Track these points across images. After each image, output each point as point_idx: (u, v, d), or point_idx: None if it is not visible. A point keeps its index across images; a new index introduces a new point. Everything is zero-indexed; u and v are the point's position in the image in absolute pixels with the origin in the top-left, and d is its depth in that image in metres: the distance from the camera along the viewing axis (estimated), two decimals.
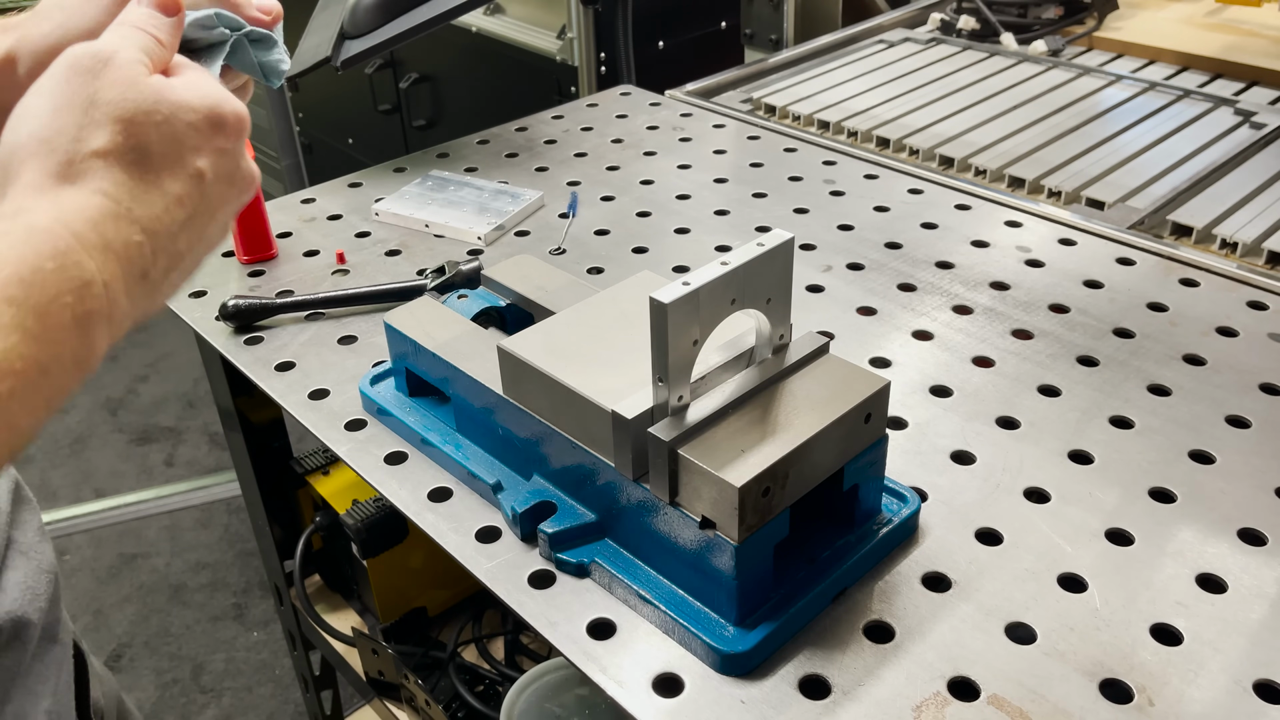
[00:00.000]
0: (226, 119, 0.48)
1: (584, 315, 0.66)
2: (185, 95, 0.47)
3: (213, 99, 0.48)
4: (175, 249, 0.46)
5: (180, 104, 0.47)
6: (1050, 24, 1.47)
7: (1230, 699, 0.53)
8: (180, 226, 0.46)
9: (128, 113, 0.45)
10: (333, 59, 1.06)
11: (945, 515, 0.65)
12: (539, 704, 0.99)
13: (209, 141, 0.47)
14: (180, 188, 0.46)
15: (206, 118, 0.47)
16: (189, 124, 0.47)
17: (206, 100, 0.48)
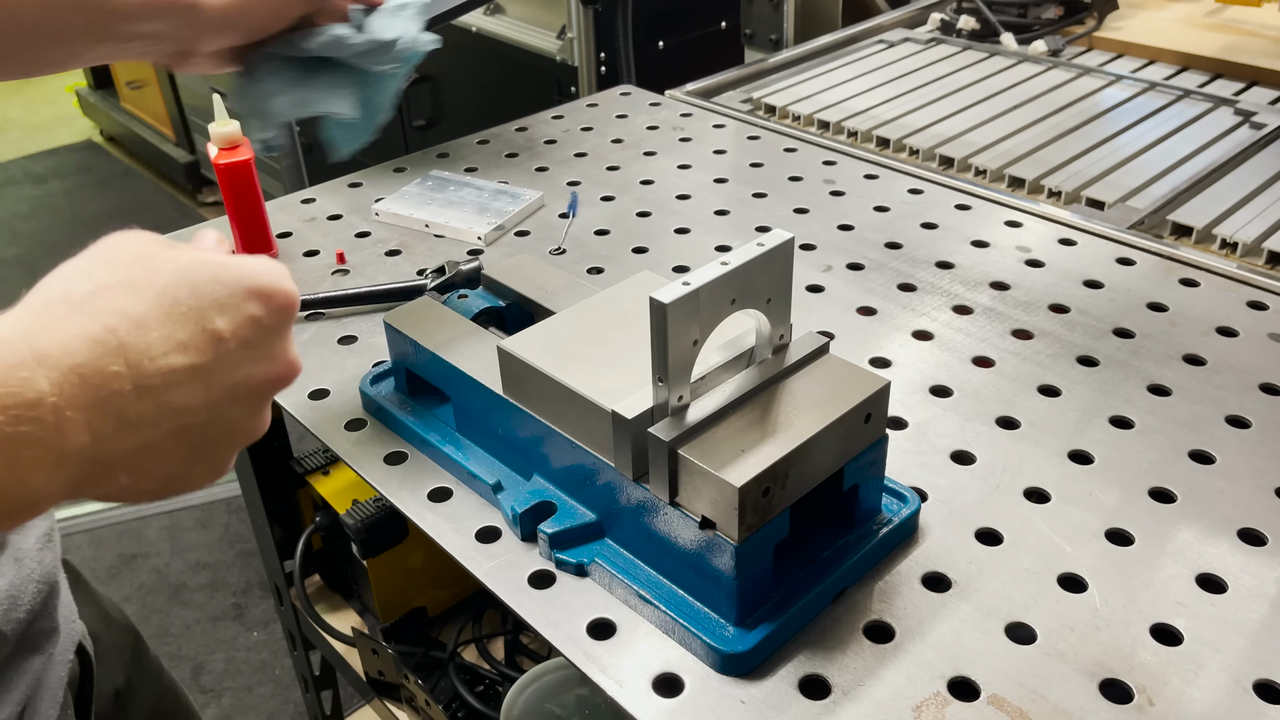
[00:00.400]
0: (268, 290, 0.44)
1: (584, 315, 0.66)
2: (232, 259, 0.44)
3: (260, 268, 0.45)
4: (168, 400, 0.40)
5: (222, 262, 0.43)
6: (1050, 24, 1.47)
7: (1230, 699, 0.53)
8: (180, 377, 0.40)
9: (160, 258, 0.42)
10: None
11: (945, 515, 0.65)
12: (539, 704, 0.99)
13: (240, 302, 0.43)
14: (187, 334, 0.41)
15: (243, 278, 0.43)
16: (219, 278, 0.43)
17: (252, 266, 0.44)
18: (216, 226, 1.02)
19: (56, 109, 4.39)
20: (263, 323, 0.43)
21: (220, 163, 0.91)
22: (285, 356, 0.46)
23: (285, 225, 1.03)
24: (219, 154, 0.92)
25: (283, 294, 0.45)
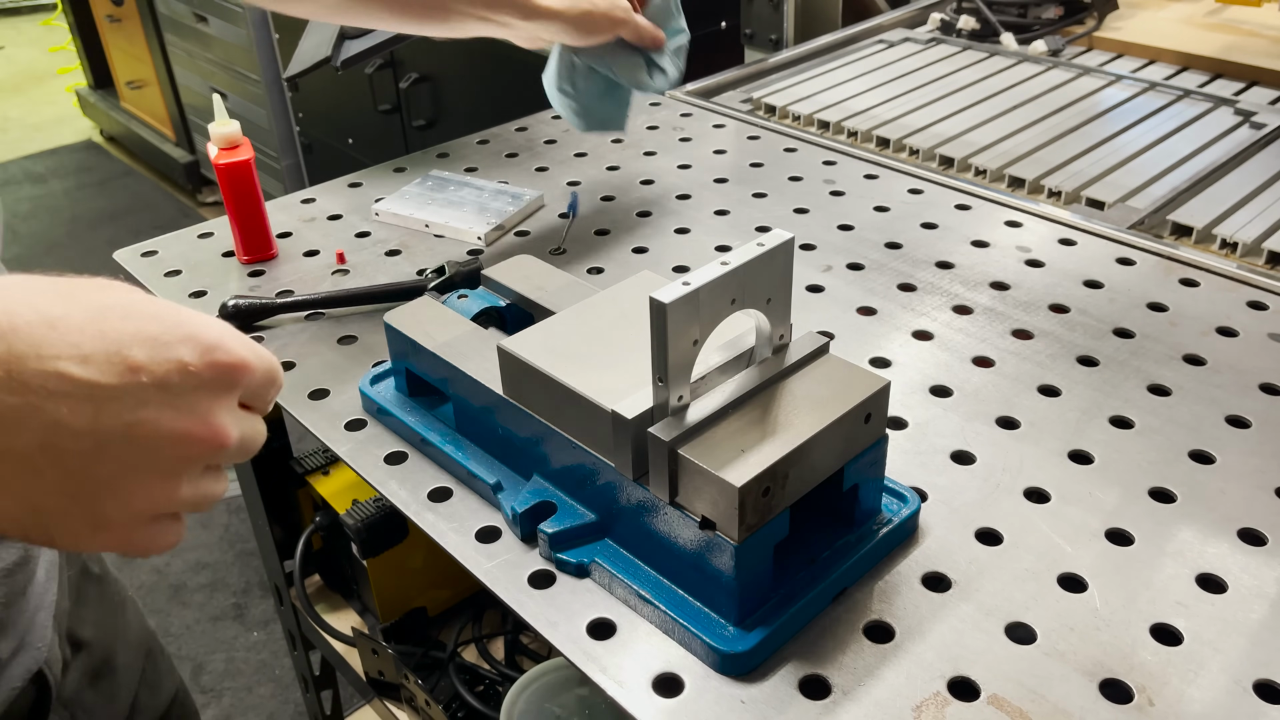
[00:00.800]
0: (209, 343, 0.41)
1: (584, 315, 0.66)
2: (195, 313, 0.41)
3: (212, 324, 0.42)
4: (44, 406, 0.37)
5: (176, 308, 0.41)
6: (1050, 24, 1.47)
7: (1230, 699, 0.53)
8: (67, 387, 0.37)
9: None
10: (333, 59, 1.06)
11: (945, 515, 0.65)
12: (539, 704, 0.99)
13: (172, 342, 0.40)
14: (97, 350, 0.38)
15: (184, 323, 0.41)
16: (159, 315, 0.40)
17: (205, 320, 0.41)
18: (216, 227, 1.02)
19: (56, 109, 4.39)
20: (192, 373, 0.40)
21: (220, 163, 0.91)
22: (209, 418, 0.41)
23: (285, 225, 1.03)
24: (219, 154, 0.92)
25: (230, 354, 0.41)
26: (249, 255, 0.96)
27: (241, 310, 0.86)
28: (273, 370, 0.45)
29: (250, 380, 0.43)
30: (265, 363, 0.44)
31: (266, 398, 0.45)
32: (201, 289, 0.92)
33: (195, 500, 0.43)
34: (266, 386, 0.45)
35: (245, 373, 0.42)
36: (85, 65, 3.92)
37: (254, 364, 0.43)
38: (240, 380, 0.42)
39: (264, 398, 0.45)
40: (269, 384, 0.45)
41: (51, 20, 4.75)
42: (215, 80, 2.91)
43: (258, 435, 0.45)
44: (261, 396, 0.45)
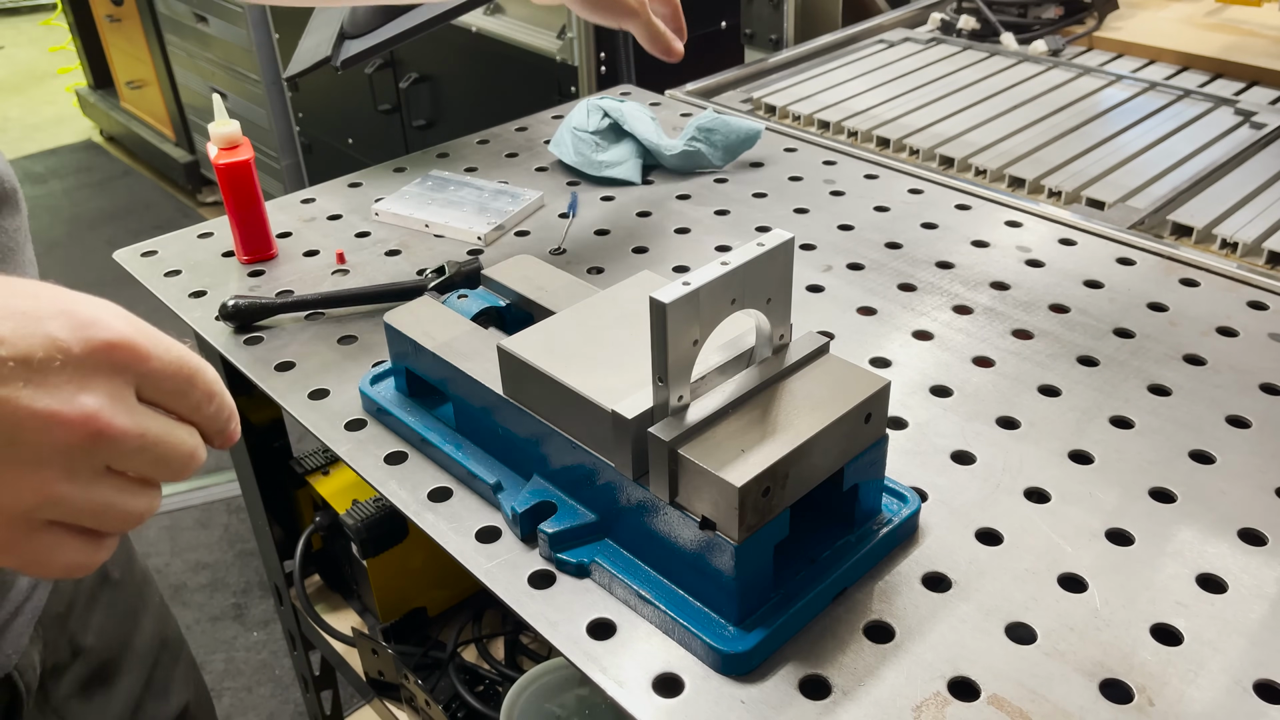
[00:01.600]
0: (88, 319, 0.37)
1: (584, 315, 0.66)
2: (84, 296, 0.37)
3: (95, 303, 0.37)
4: None
5: (58, 289, 0.37)
6: (1050, 24, 1.47)
7: (1230, 699, 0.53)
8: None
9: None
10: (333, 59, 1.06)
11: (945, 515, 0.65)
12: (539, 704, 0.99)
13: (43, 318, 0.36)
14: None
15: (60, 299, 0.37)
16: (36, 293, 0.36)
17: (85, 298, 0.37)
18: (216, 226, 1.02)
19: (56, 109, 4.40)
20: (67, 351, 0.36)
21: (220, 163, 0.91)
22: (79, 400, 0.36)
23: (285, 225, 1.03)
24: (219, 154, 0.92)
25: (110, 331, 0.37)
26: (249, 255, 0.96)
27: (241, 310, 0.86)
28: (185, 365, 0.40)
29: (146, 369, 0.38)
30: (172, 354, 0.39)
31: (190, 400, 0.41)
32: (201, 289, 0.92)
33: (92, 508, 0.38)
34: (182, 384, 0.40)
35: (131, 355, 0.38)
36: (85, 65, 3.92)
37: (146, 348, 0.38)
38: (127, 364, 0.38)
39: (186, 399, 0.40)
40: (182, 380, 0.40)
41: (51, 20, 4.75)
42: (215, 80, 2.91)
43: (175, 441, 0.40)
44: (181, 397, 0.40)
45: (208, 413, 0.42)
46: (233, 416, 0.43)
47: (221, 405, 0.42)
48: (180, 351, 0.40)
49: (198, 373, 0.41)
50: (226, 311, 0.86)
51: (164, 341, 0.39)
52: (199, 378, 0.41)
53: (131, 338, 0.38)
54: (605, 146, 1.10)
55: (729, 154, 1.12)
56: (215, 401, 0.42)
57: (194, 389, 0.41)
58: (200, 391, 0.41)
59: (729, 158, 1.12)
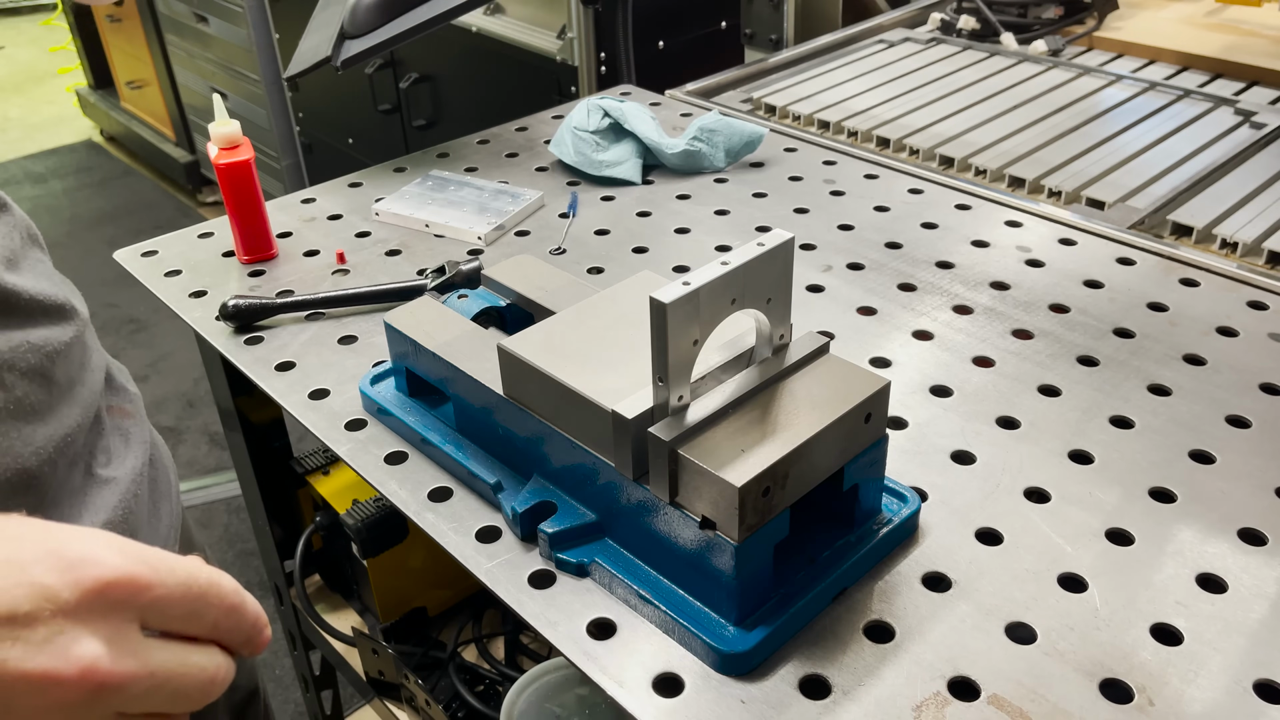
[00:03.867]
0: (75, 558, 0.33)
1: (584, 315, 0.66)
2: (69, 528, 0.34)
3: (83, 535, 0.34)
4: None
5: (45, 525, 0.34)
6: (1050, 24, 1.47)
7: (1230, 699, 0.53)
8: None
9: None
10: (333, 59, 1.06)
11: (945, 515, 0.65)
12: (539, 704, 0.99)
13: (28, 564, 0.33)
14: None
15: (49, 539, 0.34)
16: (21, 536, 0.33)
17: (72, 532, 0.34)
18: (216, 226, 1.02)
19: (56, 109, 4.39)
20: (56, 598, 0.32)
21: (220, 163, 0.91)
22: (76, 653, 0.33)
23: (285, 225, 1.03)
24: (219, 154, 0.92)
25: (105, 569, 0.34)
26: (249, 255, 0.96)
27: (241, 310, 0.86)
28: (192, 586, 0.36)
29: (148, 600, 0.34)
30: (176, 577, 0.36)
31: (206, 620, 0.37)
32: (201, 289, 0.92)
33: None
34: (193, 605, 0.36)
35: (129, 590, 0.34)
36: (85, 65, 3.92)
37: (146, 578, 0.34)
38: (125, 600, 0.34)
39: (201, 620, 0.37)
40: (193, 602, 0.36)
41: (51, 20, 4.75)
42: (215, 80, 2.91)
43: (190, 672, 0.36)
44: (195, 619, 0.36)
45: (228, 627, 0.38)
46: (258, 624, 0.39)
47: (241, 618, 0.38)
48: (187, 571, 0.36)
49: (210, 589, 0.37)
50: (227, 311, 0.86)
51: (166, 563, 0.36)
52: (212, 595, 0.37)
53: (127, 571, 0.34)
54: (605, 146, 1.10)
55: (730, 156, 1.12)
56: (234, 616, 0.38)
57: (208, 608, 0.37)
58: (216, 609, 0.37)
59: (730, 159, 1.12)
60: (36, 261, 0.63)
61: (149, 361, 2.68)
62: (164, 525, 0.72)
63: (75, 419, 0.62)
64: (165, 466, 0.76)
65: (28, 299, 0.60)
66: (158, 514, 0.72)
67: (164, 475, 0.75)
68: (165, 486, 0.74)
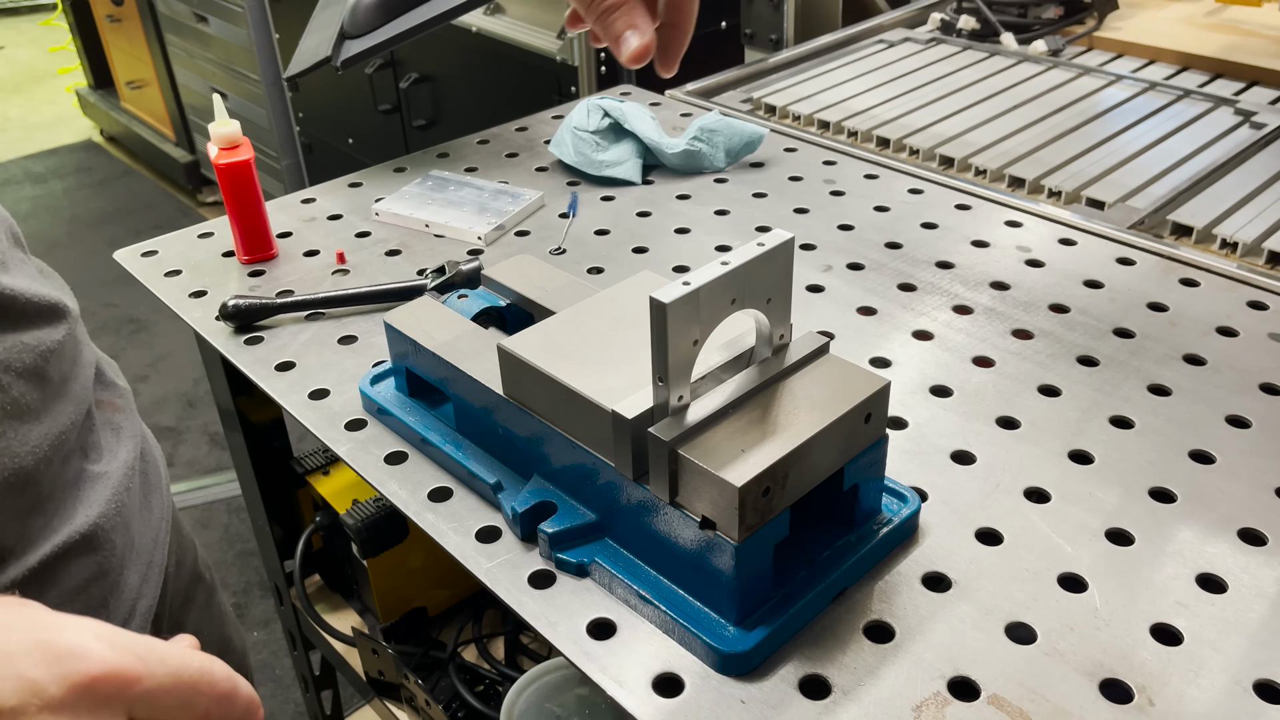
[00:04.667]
0: (67, 652, 0.32)
1: (584, 315, 0.66)
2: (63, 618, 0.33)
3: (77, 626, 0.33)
4: None
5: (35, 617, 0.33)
6: (1050, 24, 1.47)
7: (1230, 699, 0.53)
8: None
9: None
10: (333, 59, 1.06)
11: (945, 515, 0.65)
12: (539, 704, 0.99)
13: (17, 656, 0.32)
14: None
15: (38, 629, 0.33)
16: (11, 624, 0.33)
17: (67, 622, 0.33)
18: (216, 226, 1.02)
19: (56, 109, 4.40)
20: (43, 693, 0.32)
21: (220, 163, 0.91)
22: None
23: (285, 225, 1.03)
24: (219, 154, 0.92)
25: (95, 663, 0.33)
26: (249, 255, 0.96)
27: (241, 310, 0.86)
28: (182, 677, 0.35)
29: (139, 693, 0.34)
30: (166, 668, 0.35)
31: (196, 710, 0.36)
32: (201, 289, 0.92)
33: None
34: (184, 696, 0.35)
35: (117, 685, 0.33)
36: (85, 65, 3.92)
37: (135, 671, 0.34)
38: (116, 695, 0.33)
39: (191, 710, 0.36)
40: (183, 693, 0.35)
41: (51, 20, 4.75)
42: (215, 80, 2.91)
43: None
44: (186, 709, 0.36)
45: (219, 716, 0.37)
46: (250, 709, 0.39)
47: (233, 705, 0.38)
48: (179, 661, 0.35)
49: (201, 679, 0.36)
50: (227, 311, 0.86)
51: (155, 654, 0.35)
52: (203, 684, 0.36)
53: (115, 666, 0.33)
54: (605, 146, 1.10)
55: (730, 156, 1.12)
56: (226, 704, 0.37)
57: (199, 697, 0.36)
58: (206, 698, 0.36)
59: (730, 160, 1.12)
60: (21, 262, 0.63)
61: (149, 361, 2.68)
62: (155, 518, 0.72)
63: (69, 416, 0.62)
64: (155, 460, 0.76)
65: (24, 301, 0.60)
66: (149, 506, 0.72)
67: (154, 468, 0.75)
68: (155, 479, 0.74)
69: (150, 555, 0.70)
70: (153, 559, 0.70)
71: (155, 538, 0.71)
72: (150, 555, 0.70)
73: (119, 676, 0.34)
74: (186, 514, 2.20)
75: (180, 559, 0.79)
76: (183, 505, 2.21)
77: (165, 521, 0.74)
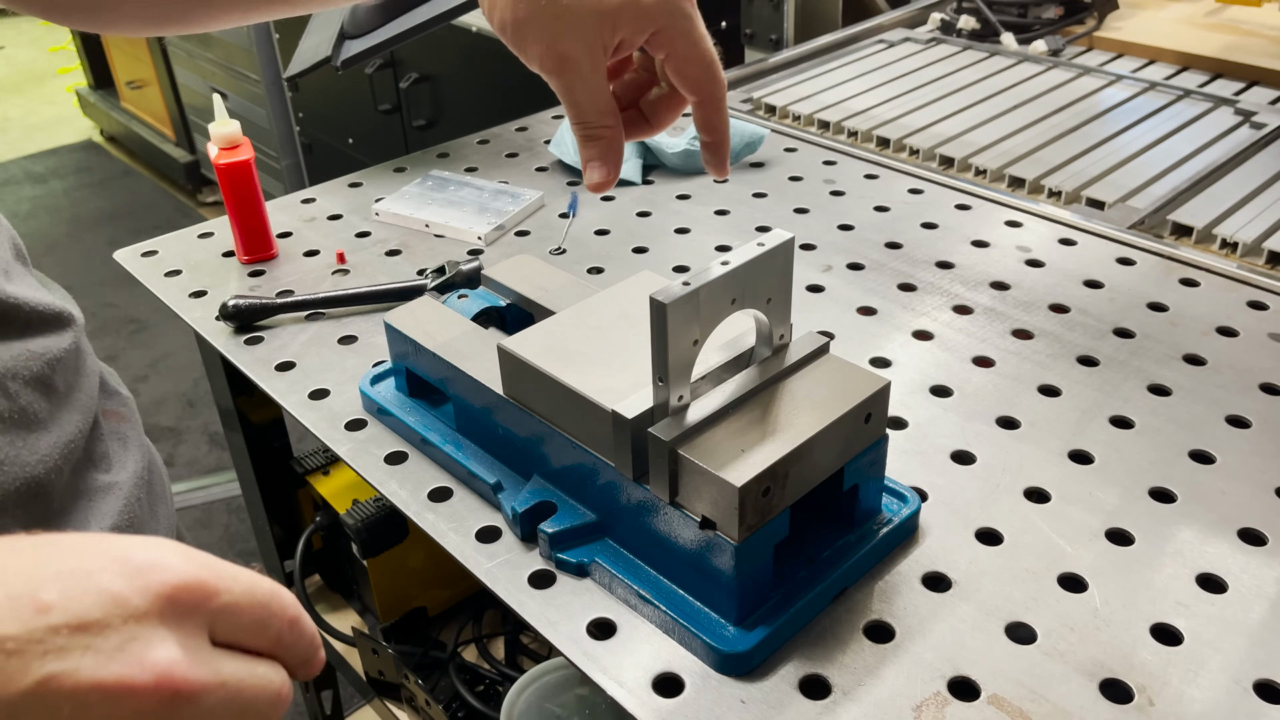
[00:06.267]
0: (145, 564, 0.33)
1: (584, 315, 0.66)
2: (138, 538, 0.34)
3: (151, 543, 0.34)
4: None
5: (107, 536, 0.34)
6: (1050, 24, 1.47)
7: (1230, 699, 0.53)
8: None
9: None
10: (333, 59, 1.06)
11: (945, 515, 0.65)
12: (539, 704, 0.99)
13: (95, 570, 0.32)
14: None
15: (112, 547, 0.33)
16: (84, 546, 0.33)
17: (141, 541, 0.34)
18: (216, 226, 1.02)
19: (56, 109, 4.40)
20: (127, 604, 0.32)
21: (220, 163, 0.91)
22: (152, 659, 0.32)
23: (285, 225, 1.03)
24: (219, 154, 0.92)
25: (175, 574, 0.33)
26: (249, 255, 0.96)
27: (241, 310, 0.86)
28: (258, 593, 0.36)
29: (219, 606, 0.34)
30: (241, 583, 0.35)
31: (271, 631, 0.36)
32: (201, 289, 0.92)
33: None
34: (260, 615, 0.36)
35: (199, 595, 0.34)
36: (85, 65, 3.92)
37: (214, 584, 0.34)
38: (198, 606, 0.34)
39: (266, 631, 0.36)
40: (259, 611, 0.36)
41: None
42: (215, 80, 2.91)
43: (259, 685, 0.35)
44: (261, 630, 0.36)
45: (290, 642, 0.37)
46: (315, 643, 0.39)
47: (302, 631, 0.38)
48: (250, 579, 0.36)
49: (273, 598, 0.37)
50: (227, 311, 0.86)
51: (230, 571, 0.35)
52: (275, 603, 0.37)
53: (196, 576, 0.34)
54: None
55: (731, 156, 1.11)
56: (297, 628, 0.37)
57: (273, 618, 0.36)
58: (280, 620, 0.37)
59: (731, 160, 1.12)
60: (23, 273, 0.64)
61: (149, 361, 2.68)
62: (162, 528, 0.72)
63: (76, 425, 0.62)
64: (159, 469, 0.76)
65: (29, 309, 0.60)
66: (156, 517, 0.72)
67: (159, 478, 0.75)
68: (160, 489, 0.75)
69: None
70: None
71: None
72: None
73: (200, 587, 0.34)
74: (187, 514, 2.20)
75: None
76: (183, 505, 2.21)
77: (170, 532, 0.74)
